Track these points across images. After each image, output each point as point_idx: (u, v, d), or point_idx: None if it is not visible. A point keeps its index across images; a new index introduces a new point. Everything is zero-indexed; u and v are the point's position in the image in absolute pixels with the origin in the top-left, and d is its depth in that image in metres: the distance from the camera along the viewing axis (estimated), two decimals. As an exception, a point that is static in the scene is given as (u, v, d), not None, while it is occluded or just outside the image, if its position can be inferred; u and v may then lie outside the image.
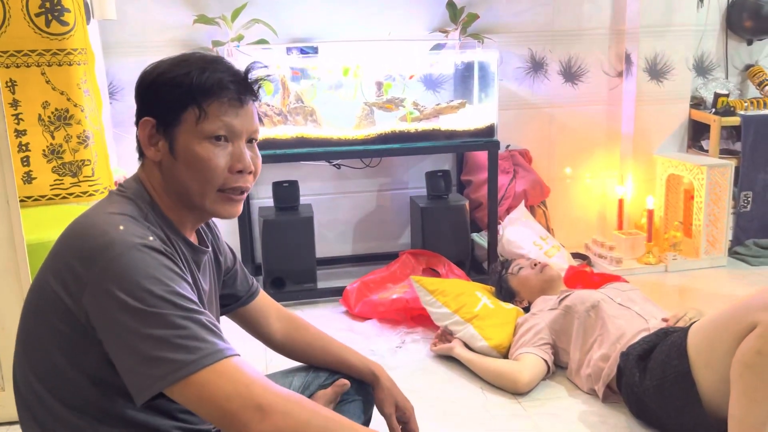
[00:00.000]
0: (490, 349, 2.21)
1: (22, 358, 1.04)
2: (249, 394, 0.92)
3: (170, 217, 1.09)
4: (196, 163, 1.05)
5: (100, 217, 1.00)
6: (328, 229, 3.27)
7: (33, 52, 2.26)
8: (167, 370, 0.90)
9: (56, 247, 1.03)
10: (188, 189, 1.07)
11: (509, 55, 3.26)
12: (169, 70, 1.06)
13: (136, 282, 0.92)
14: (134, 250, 0.94)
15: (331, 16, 3.06)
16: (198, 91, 1.03)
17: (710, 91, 3.40)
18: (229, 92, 1.05)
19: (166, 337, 0.91)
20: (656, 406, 1.74)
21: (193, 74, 1.04)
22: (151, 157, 1.07)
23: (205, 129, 1.04)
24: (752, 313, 1.51)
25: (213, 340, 0.94)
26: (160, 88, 1.05)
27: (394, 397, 1.35)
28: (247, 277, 1.35)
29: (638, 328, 1.93)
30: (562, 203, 3.47)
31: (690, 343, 1.65)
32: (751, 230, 3.34)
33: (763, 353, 1.48)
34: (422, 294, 2.49)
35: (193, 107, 1.04)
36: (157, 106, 1.06)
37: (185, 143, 1.04)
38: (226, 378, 0.92)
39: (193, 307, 0.96)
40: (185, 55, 1.09)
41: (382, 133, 2.82)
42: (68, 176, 2.36)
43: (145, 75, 1.08)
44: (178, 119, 1.04)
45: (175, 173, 1.06)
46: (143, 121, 1.06)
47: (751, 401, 1.51)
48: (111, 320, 0.92)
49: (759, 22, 3.37)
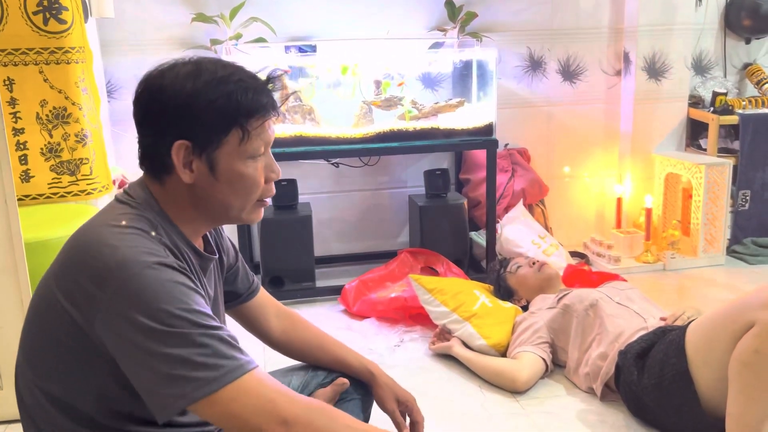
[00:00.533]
0: (489, 347, 2.21)
1: (26, 369, 1.03)
2: (274, 408, 0.93)
3: (181, 227, 1.07)
4: (242, 181, 1.04)
5: (109, 232, 0.97)
6: (326, 227, 3.27)
7: (31, 50, 2.25)
8: (190, 388, 0.90)
9: (64, 261, 1.00)
10: (229, 206, 1.06)
11: (508, 53, 3.26)
12: (204, 90, 1.00)
13: (153, 302, 0.91)
14: (148, 269, 0.93)
15: (329, 15, 3.06)
16: (243, 114, 1.02)
17: (708, 89, 3.40)
18: (268, 112, 1.05)
19: (187, 356, 0.91)
20: (654, 404, 1.74)
21: (236, 96, 1.01)
22: (186, 181, 1.02)
23: (248, 149, 1.04)
24: (749, 311, 1.51)
25: (235, 355, 0.94)
26: (200, 111, 0.99)
27: (394, 392, 1.35)
28: (248, 274, 1.35)
29: (636, 326, 1.93)
30: (560, 202, 3.47)
31: (688, 342, 1.65)
32: (749, 229, 3.34)
33: (761, 352, 1.48)
34: (420, 293, 2.49)
35: (237, 129, 1.02)
36: (195, 130, 1.00)
37: (229, 164, 1.03)
38: (251, 394, 0.93)
39: (211, 323, 0.95)
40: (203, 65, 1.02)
41: (380, 132, 2.82)
42: (66, 175, 2.35)
43: (167, 91, 1.00)
44: (220, 142, 1.02)
45: (214, 192, 1.04)
46: (178, 144, 1.00)
47: (749, 399, 1.52)
48: (128, 342, 0.91)
49: (757, 21, 3.37)
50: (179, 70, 1.02)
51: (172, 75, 1.02)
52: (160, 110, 1.01)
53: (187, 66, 1.03)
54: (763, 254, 3.24)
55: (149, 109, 1.03)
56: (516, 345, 2.16)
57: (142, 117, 1.04)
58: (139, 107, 1.04)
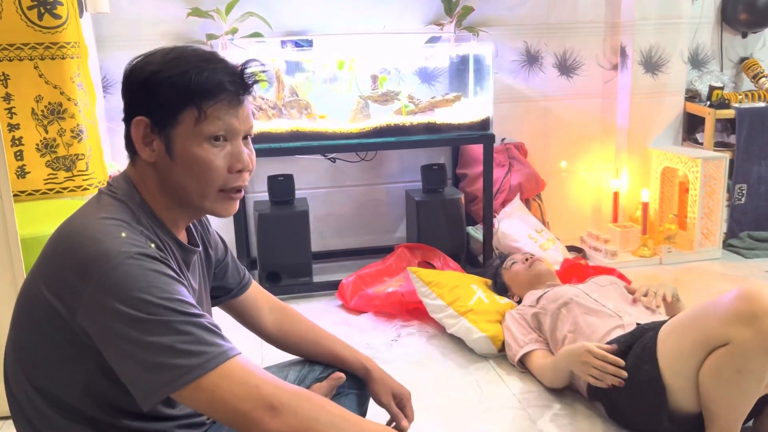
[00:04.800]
0: (487, 339, 2.21)
1: (15, 363, 1.03)
2: (259, 394, 0.93)
3: (162, 217, 1.07)
4: (196, 164, 1.02)
5: (92, 224, 0.97)
6: (323, 222, 3.27)
7: (26, 45, 2.25)
8: (174, 375, 0.90)
9: (48, 253, 1.00)
10: (187, 190, 1.05)
11: (504, 48, 3.26)
12: (163, 68, 1.01)
13: (134, 292, 0.91)
14: (129, 259, 0.93)
15: (325, 9, 3.05)
16: (197, 92, 1.00)
17: (705, 83, 3.40)
18: (228, 93, 1.02)
19: (170, 343, 0.91)
20: (628, 407, 1.73)
21: (190, 74, 1.00)
22: (145, 158, 1.04)
23: (204, 130, 1.02)
24: (722, 326, 1.49)
25: (217, 342, 0.94)
26: (155, 87, 1.01)
27: (390, 387, 1.36)
28: (239, 269, 1.35)
29: (611, 325, 1.90)
30: (557, 196, 3.47)
31: (660, 350, 1.63)
32: (745, 223, 3.35)
33: (743, 372, 1.47)
34: (419, 285, 2.50)
35: (192, 108, 1.01)
36: (152, 106, 1.02)
37: (183, 144, 1.02)
38: (235, 380, 0.93)
39: (193, 311, 0.95)
40: (177, 51, 1.04)
41: (377, 127, 2.81)
42: (62, 170, 2.35)
43: (136, 71, 1.03)
44: (175, 120, 1.01)
45: (172, 174, 1.04)
46: (136, 120, 1.02)
47: (730, 405, 1.53)
48: (111, 332, 0.91)
49: (754, 15, 3.37)
50: (156, 51, 1.05)
51: (148, 55, 1.05)
52: (127, 87, 1.05)
53: (167, 49, 1.05)
54: (759, 248, 3.25)
55: (123, 91, 1.06)
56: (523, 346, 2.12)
57: (123, 97, 1.07)
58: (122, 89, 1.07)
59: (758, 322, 1.45)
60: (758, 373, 1.48)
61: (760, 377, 1.49)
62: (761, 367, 1.47)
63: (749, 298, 1.47)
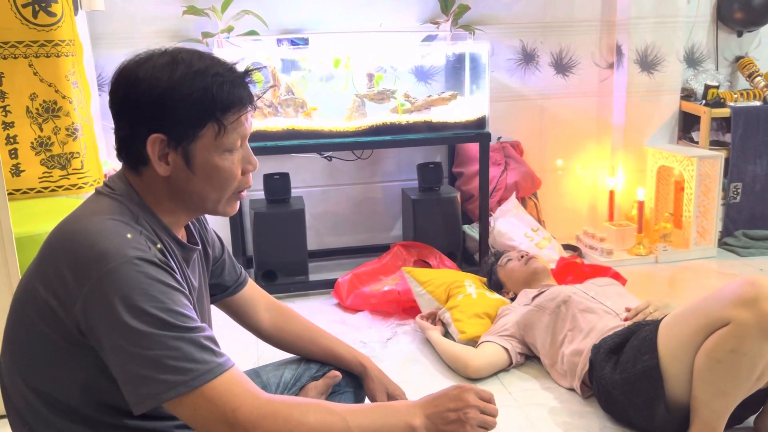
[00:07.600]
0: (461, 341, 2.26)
1: (10, 363, 1.03)
2: (236, 419, 0.93)
3: (163, 218, 1.06)
4: (218, 174, 1.04)
5: (91, 223, 0.97)
6: (319, 221, 3.26)
7: (20, 43, 2.24)
8: (158, 389, 0.91)
9: (44, 252, 1.00)
10: (205, 198, 1.06)
11: (500, 46, 3.26)
12: (179, 83, 0.98)
13: (129, 298, 0.91)
14: (128, 263, 0.92)
15: (321, 7, 3.04)
16: (219, 108, 1.00)
17: (700, 82, 3.41)
18: (246, 106, 1.04)
19: (157, 357, 0.91)
20: (623, 398, 1.74)
21: (212, 90, 0.99)
22: (161, 173, 1.02)
23: (225, 143, 1.03)
24: (724, 308, 1.50)
25: (205, 359, 0.94)
26: (175, 105, 0.98)
27: (385, 386, 1.36)
28: (235, 267, 1.35)
29: (609, 323, 1.92)
30: (553, 195, 3.48)
31: (660, 337, 1.64)
32: (740, 221, 3.36)
33: (737, 352, 1.48)
34: (413, 285, 2.50)
35: (213, 123, 1.01)
36: (169, 123, 0.99)
37: (205, 157, 1.02)
38: (215, 401, 0.93)
39: (187, 324, 0.94)
40: (178, 59, 1.01)
41: (373, 125, 2.81)
42: (57, 169, 2.34)
43: (145, 86, 0.98)
44: (195, 135, 1.01)
45: (190, 185, 1.04)
46: (153, 138, 0.99)
47: (719, 392, 1.54)
48: (103, 335, 0.92)
49: (749, 14, 3.38)
50: (155, 62, 1.00)
51: (147, 67, 1.00)
52: (135, 103, 1.00)
53: (163, 57, 1.01)
54: (755, 246, 3.26)
55: (125, 102, 1.01)
56: (483, 335, 2.19)
57: (118, 109, 1.03)
58: (115, 99, 1.02)
59: (759, 304, 1.46)
60: (752, 356, 1.48)
61: (753, 363, 1.49)
62: (756, 350, 1.48)
63: (754, 283, 1.50)
